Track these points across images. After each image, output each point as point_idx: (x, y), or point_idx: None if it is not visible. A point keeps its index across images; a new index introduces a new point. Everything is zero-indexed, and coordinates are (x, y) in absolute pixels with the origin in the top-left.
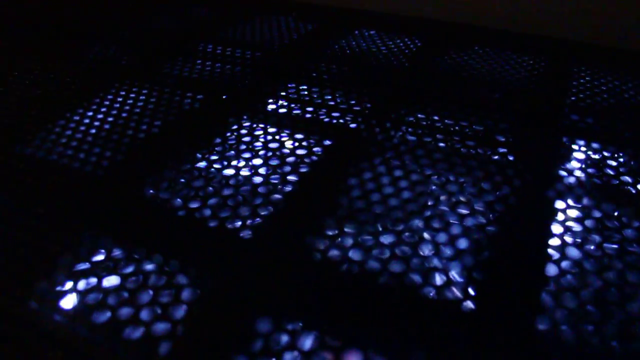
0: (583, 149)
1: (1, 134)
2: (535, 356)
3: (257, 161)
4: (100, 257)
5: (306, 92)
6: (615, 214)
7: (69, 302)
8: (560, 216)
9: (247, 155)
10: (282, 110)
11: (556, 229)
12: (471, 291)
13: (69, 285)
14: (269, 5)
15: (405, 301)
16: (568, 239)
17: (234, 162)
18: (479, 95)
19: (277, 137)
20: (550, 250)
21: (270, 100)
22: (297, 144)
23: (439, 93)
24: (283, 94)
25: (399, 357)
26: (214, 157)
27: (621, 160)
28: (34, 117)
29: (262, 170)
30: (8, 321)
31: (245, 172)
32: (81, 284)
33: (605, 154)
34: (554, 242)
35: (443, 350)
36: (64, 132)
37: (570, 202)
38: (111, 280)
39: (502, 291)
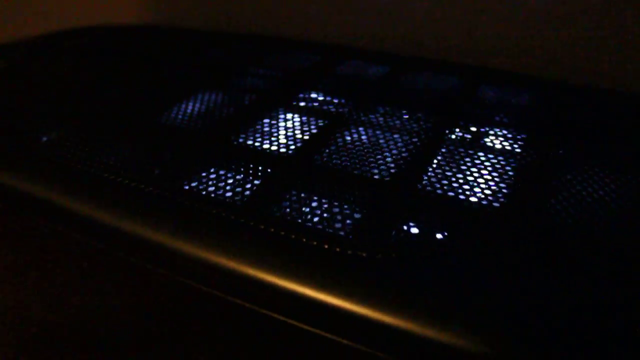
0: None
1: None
2: None
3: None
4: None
5: (316, 97)
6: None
7: None
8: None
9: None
10: (302, 104)
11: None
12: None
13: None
14: (291, 43)
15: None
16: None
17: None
18: (417, 97)
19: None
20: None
21: (301, 95)
22: (308, 120)
23: (398, 96)
24: (302, 96)
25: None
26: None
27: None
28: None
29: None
30: None
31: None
32: None
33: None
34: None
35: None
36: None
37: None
38: None
39: None
